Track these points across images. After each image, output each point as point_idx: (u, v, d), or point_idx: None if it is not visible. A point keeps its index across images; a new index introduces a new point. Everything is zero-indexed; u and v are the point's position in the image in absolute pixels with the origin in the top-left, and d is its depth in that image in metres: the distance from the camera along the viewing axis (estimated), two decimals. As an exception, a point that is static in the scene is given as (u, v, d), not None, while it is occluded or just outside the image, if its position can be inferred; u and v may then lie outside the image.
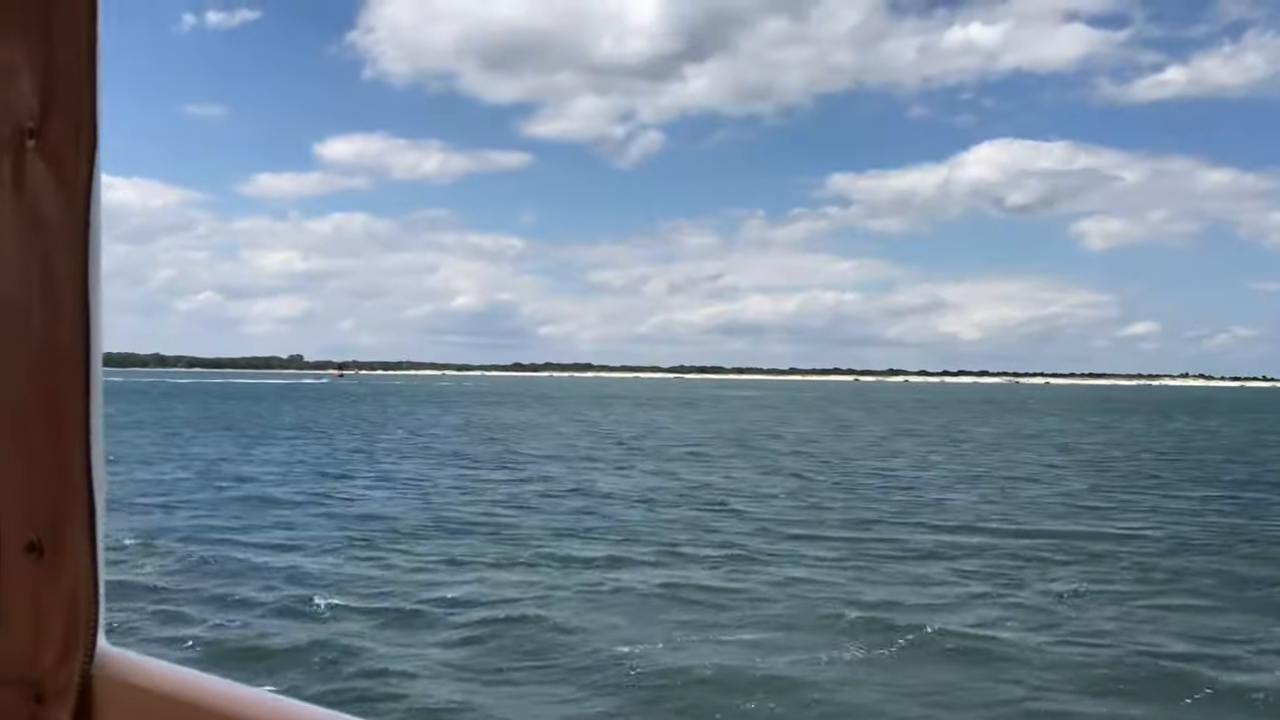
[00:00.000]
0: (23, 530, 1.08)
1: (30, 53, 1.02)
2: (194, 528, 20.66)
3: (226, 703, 0.99)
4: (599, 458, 40.19)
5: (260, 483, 29.15)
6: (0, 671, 1.11)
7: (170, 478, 29.88)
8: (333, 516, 22.67)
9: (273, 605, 14.34)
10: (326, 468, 34.02)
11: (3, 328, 1.08)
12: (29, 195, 1.05)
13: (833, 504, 26.39)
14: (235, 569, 16.76)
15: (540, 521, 22.49)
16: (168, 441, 43.72)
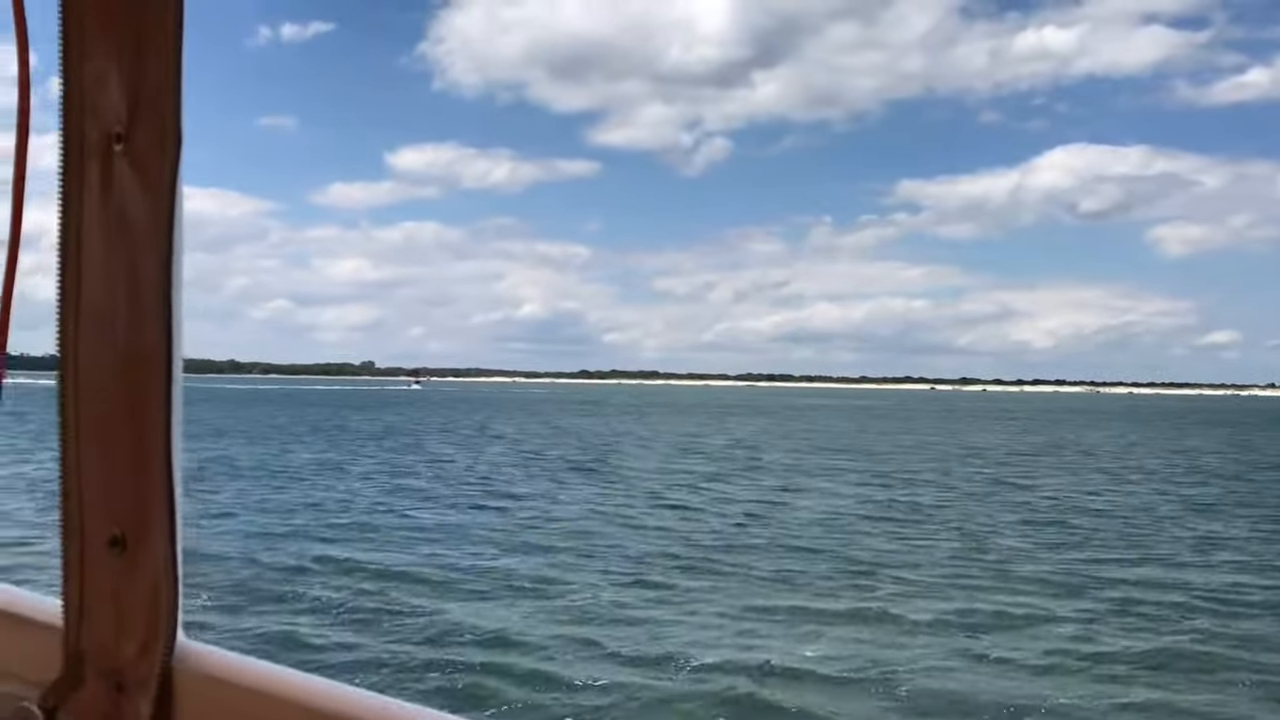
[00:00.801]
0: (106, 525, 1.10)
1: (119, 61, 1.04)
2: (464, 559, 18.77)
3: (304, 695, 1.01)
4: (777, 473, 37.43)
5: (445, 504, 26.91)
6: (82, 662, 1.13)
7: (351, 488, 28.80)
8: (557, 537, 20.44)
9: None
10: (492, 483, 32.44)
11: (88, 327, 1.10)
12: (116, 198, 1.06)
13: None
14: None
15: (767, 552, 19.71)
16: (313, 449, 42.59)
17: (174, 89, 1.03)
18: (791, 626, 14.12)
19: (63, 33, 1.08)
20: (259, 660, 1.10)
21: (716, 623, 14.22)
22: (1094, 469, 42.58)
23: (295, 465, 35.25)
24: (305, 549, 18.93)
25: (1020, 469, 41.43)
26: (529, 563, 18.17)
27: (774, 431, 68.42)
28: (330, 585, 15.78)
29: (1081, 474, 39.74)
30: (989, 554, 20.27)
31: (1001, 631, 14.02)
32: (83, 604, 1.14)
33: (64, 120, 1.09)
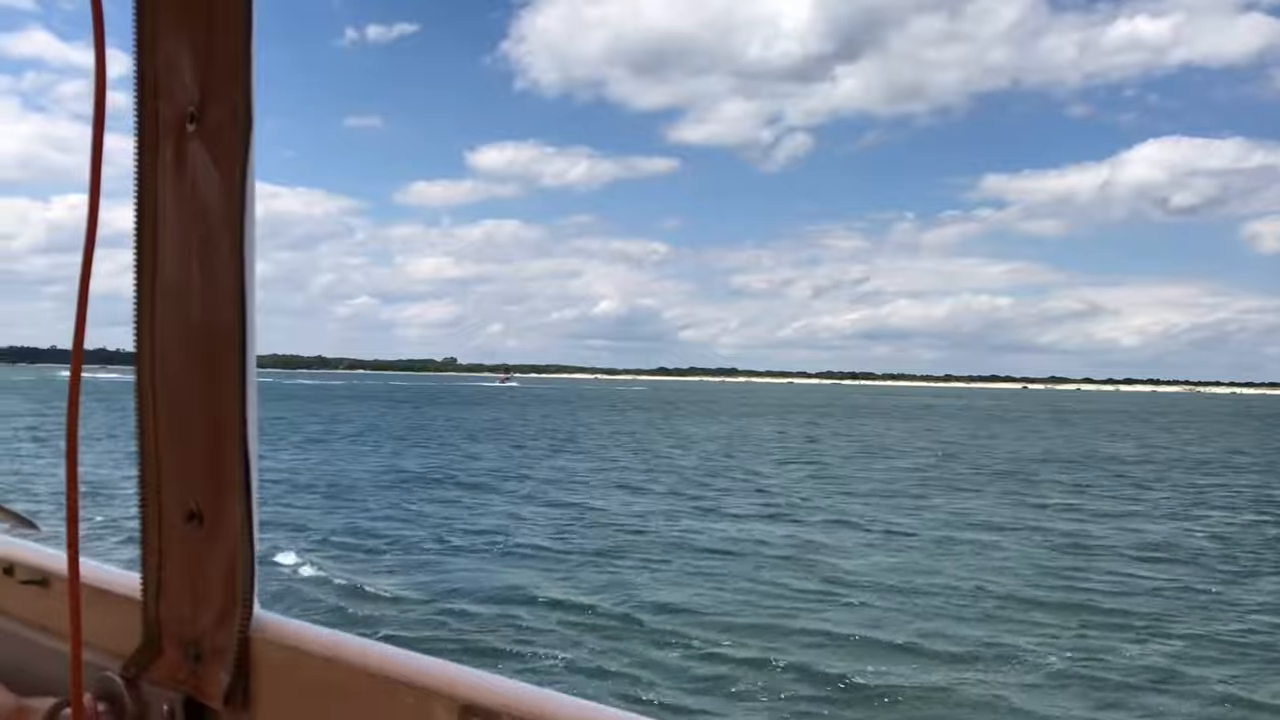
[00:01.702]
0: (184, 500, 1.12)
1: (192, 43, 1.05)
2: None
3: (378, 664, 1.03)
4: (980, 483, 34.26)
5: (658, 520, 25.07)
6: (161, 633, 1.15)
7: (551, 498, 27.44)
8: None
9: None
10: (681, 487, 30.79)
11: (164, 305, 1.10)
12: (190, 176, 1.07)
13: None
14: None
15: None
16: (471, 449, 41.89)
17: (245, 70, 1.03)
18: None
19: (136, 18, 1.09)
20: (333, 630, 1.11)
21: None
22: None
23: (491, 480, 33.78)
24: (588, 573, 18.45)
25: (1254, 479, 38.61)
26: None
27: (942, 435, 65.78)
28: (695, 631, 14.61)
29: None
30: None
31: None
32: (161, 577, 1.16)
33: (138, 102, 1.10)
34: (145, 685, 1.17)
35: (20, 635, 1.41)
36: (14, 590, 1.42)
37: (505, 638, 13.02)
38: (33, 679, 1.32)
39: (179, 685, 1.15)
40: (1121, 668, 12.41)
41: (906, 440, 57.96)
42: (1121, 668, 12.41)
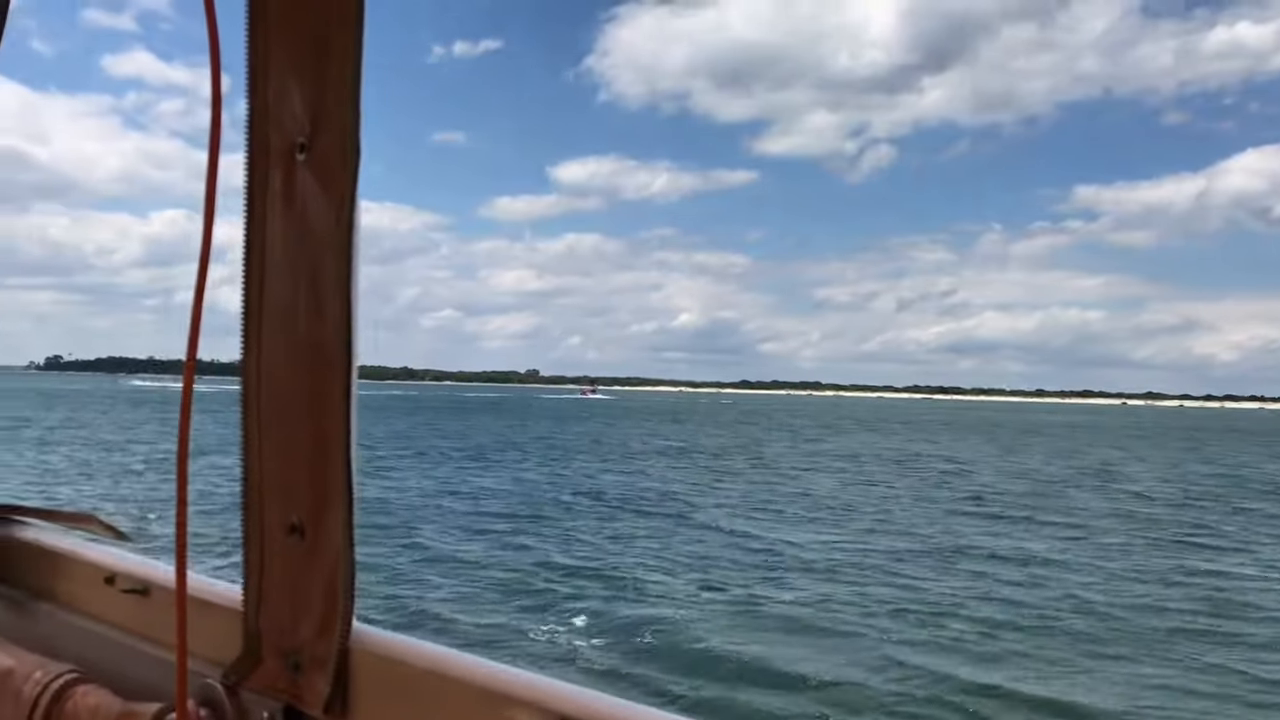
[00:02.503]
0: (286, 513, 1.14)
1: (303, 75, 1.09)
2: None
3: (477, 677, 1.04)
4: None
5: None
6: (261, 643, 1.18)
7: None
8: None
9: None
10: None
11: (271, 326, 1.14)
12: (299, 204, 1.11)
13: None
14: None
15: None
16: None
17: (353, 101, 1.06)
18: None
19: (249, 51, 1.12)
20: (431, 643, 1.12)
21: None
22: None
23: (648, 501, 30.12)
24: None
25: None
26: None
27: (1104, 455, 59.51)
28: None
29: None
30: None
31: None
32: (262, 588, 1.17)
33: (249, 129, 1.14)
34: (245, 693, 1.19)
35: (122, 642, 1.42)
36: (115, 599, 1.44)
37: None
38: (135, 684, 1.32)
39: (279, 694, 1.16)
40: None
41: (1121, 462, 51.19)
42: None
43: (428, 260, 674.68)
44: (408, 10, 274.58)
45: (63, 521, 1.73)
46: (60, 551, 1.60)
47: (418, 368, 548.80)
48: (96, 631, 1.48)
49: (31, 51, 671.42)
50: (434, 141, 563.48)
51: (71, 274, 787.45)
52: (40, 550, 1.64)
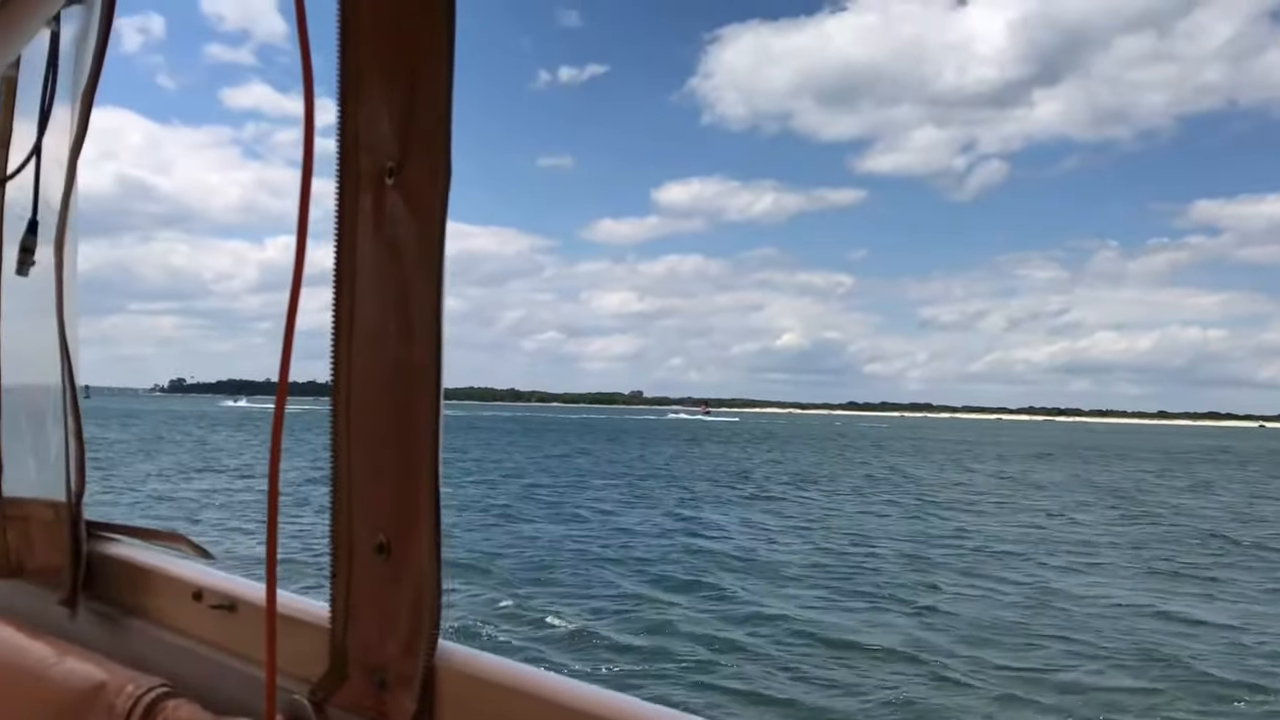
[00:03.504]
0: (373, 532, 1.15)
1: (394, 101, 1.12)
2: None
3: (564, 697, 1.03)
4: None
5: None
6: (347, 660, 1.19)
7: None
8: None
9: None
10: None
11: (360, 347, 1.15)
12: (387, 225, 1.12)
13: None
14: None
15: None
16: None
17: (444, 125, 1.08)
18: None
19: (341, 76, 1.15)
20: (517, 662, 1.12)
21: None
22: None
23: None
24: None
25: None
26: None
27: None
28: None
29: None
30: None
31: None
32: (349, 605, 1.18)
33: (340, 154, 1.16)
34: (332, 709, 1.19)
35: (210, 658, 1.44)
36: (204, 614, 1.46)
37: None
38: (223, 699, 1.33)
39: (365, 711, 1.17)
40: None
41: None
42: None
43: (531, 283, 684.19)
44: (514, 39, 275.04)
45: (151, 539, 1.73)
46: (150, 568, 1.60)
47: (524, 389, 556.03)
48: (185, 647, 1.49)
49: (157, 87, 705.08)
50: (539, 166, 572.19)
51: (192, 299, 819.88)
52: (131, 567, 1.64)
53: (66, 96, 1.75)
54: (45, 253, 1.77)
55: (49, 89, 1.75)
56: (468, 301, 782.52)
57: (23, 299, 1.86)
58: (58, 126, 1.75)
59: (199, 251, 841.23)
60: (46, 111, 1.75)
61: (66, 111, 1.74)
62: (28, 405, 1.89)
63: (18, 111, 1.89)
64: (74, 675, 1.45)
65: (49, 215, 1.76)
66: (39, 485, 1.82)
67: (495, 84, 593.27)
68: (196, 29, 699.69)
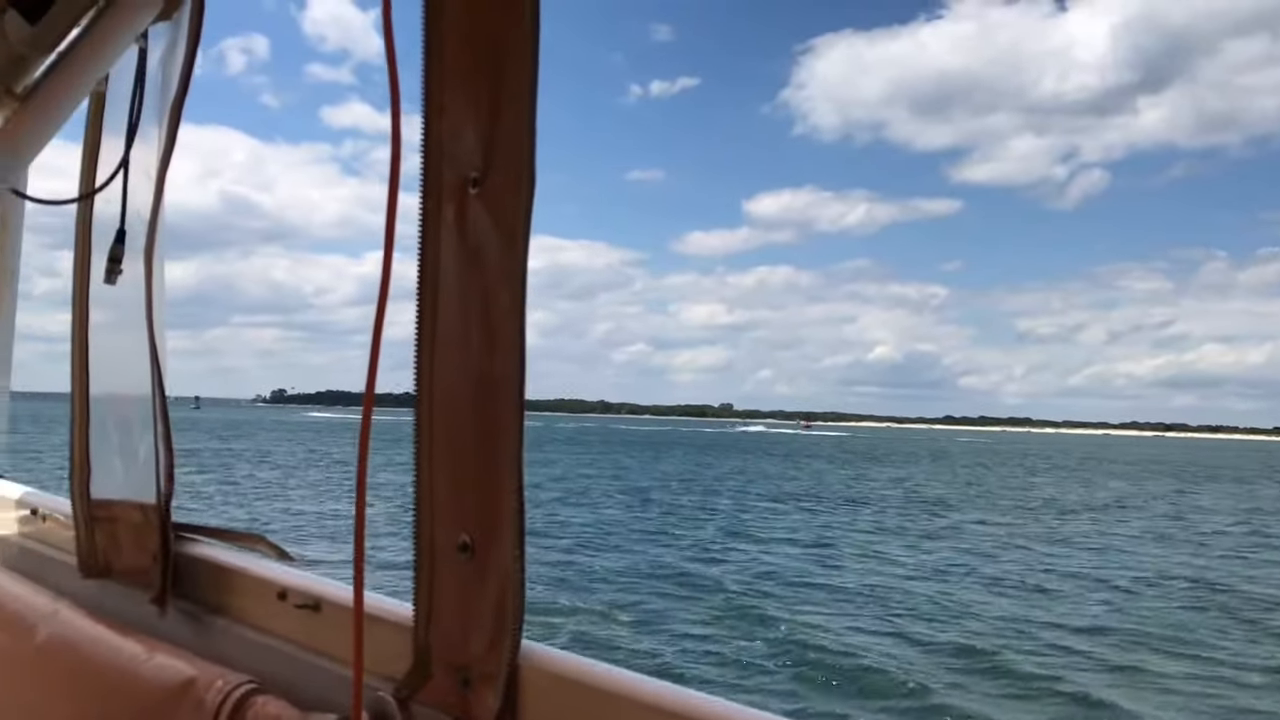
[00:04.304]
0: (455, 533, 1.17)
1: (478, 113, 1.13)
2: None
3: (649, 697, 1.04)
4: None
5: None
6: (430, 658, 1.21)
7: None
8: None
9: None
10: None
11: (443, 354, 1.17)
12: (471, 236, 1.14)
13: None
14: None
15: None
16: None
17: (527, 137, 1.09)
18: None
19: (425, 88, 1.17)
20: (599, 662, 1.13)
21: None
22: None
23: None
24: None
25: None
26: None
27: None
28: None
29: None
30: None
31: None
32: (432, 604, 1.20)
33: (424, 165, 1.18)
34: (416, 707, 1.21)
35: (294, 655, 1.46)
36: (288, 613, 1.48)
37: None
38: (308, 696, 1.36)
39: (449, 708, 1.18)
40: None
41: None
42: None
43: (620, 296, 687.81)
44: (606, 55, 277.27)
45: (234, 541, 1.75)
46: (234, 569, 1.63)
47: (613, 401, 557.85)
48: (270, 645, 1.51)
49: (261, 105, 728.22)
50: (630, 179, 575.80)
51: (292, 312, 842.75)
52: (215, 567, 1.67)
53: (154, 112, 1.75)
54: (131, 263, 1.80)
55: (136, 104, 1.76)
56: (558, 315, 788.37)
57: (109, 310, 1.90)
58: (145, 141, 1.76)
59: (299, 266, 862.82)
60: (134, 126, 1.77)
61: (153, 127, 1.75)
62: (115, 412, 1.91)
63: (106, 126, 1.91)
64: (165, 671, 1.49)
65: (135, 227, 1.79)
66: (126, 488, 1.84)
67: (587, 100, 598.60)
68: (298, 49, 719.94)
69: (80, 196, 1.93)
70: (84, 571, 1.92)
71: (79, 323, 1.97)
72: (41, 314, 2.90)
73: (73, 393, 1.98)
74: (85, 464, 1.95)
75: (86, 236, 1.96)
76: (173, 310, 1.80)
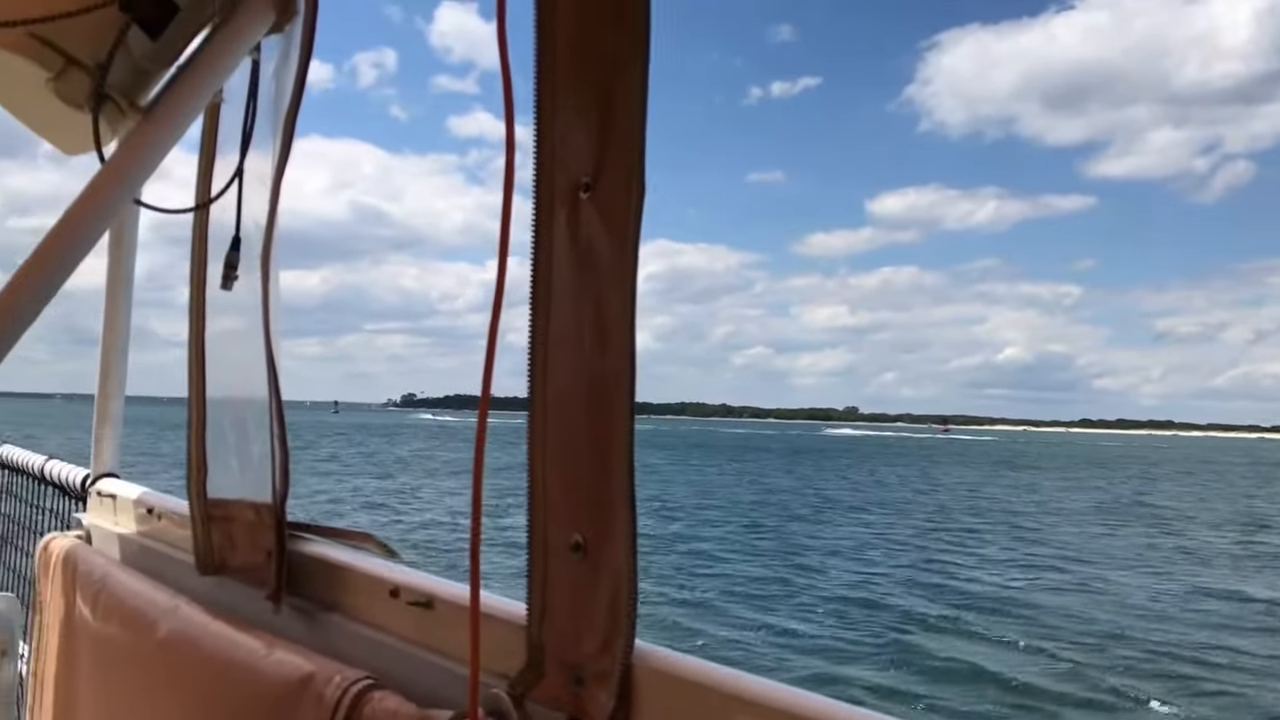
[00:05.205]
0: (567, 532, 1.18)
1: (588, 120, 1.14)
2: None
3: (767, 699, 1.03)
4: None
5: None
6: (544, 656, 1.22)
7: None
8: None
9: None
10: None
11: (557, 354, 1.19)
12: (582, 241, 1.15)
13: None
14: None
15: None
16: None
17: (638, 141, 1.10)
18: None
19: (536, 93, 1.18)
20: (715, 664, 1.12)
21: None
22: None
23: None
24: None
25: None
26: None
27: None
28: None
29: None
30: None
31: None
32: (545, 603, 1.22)
33: (536, 170, 1.19)
34: (530, 704, 1.23)
35: (407, 652, 1.49)
36: (400, 610, 1.52)
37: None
38: (423, 691, 1.38)
39: (562, 706, 1.20)
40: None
41: None
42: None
43: (740, 299, 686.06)
44: (726, 59, 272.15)
45: (344, 539, 1.79)
46: (346, 566, 1.66)
47: (735, 404, 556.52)
48: (384, 641, 1.53)
49: (389, 118, 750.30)
50: (750, 182, 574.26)
51: (420, 319, 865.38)
52: (327, 565, 1.70)
53: (267, 122, 1.82)
54: (246, 270, 1.87)
55: (250, 115, 1.84)
56: (678, 318, 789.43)
57: (226, 316, 1.96)
58: (258, 151, 1.83)
59: (426, 273, 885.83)
60: (248, 137, 1.85)
61: (267, 137, 1.81)
62: (231, 415, 1.97)
63: (221, 137, 1.97)
64: (284, 666, 1.54)
65: (249, 235, 1.87)
66: (241, 488, 1.89)
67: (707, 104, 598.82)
68: (425, 62, 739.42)
69: (197, 205, 1.98)
70: (201, 569, 1.95)
71: (195, 328, 2.02)
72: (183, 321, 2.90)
73: (190, 396, 2.04)
74: (202, 465, 1.99)
75: (203, 244, 2.00)
76: (306, 317, 2.06)
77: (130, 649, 1.94)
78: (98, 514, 2.51)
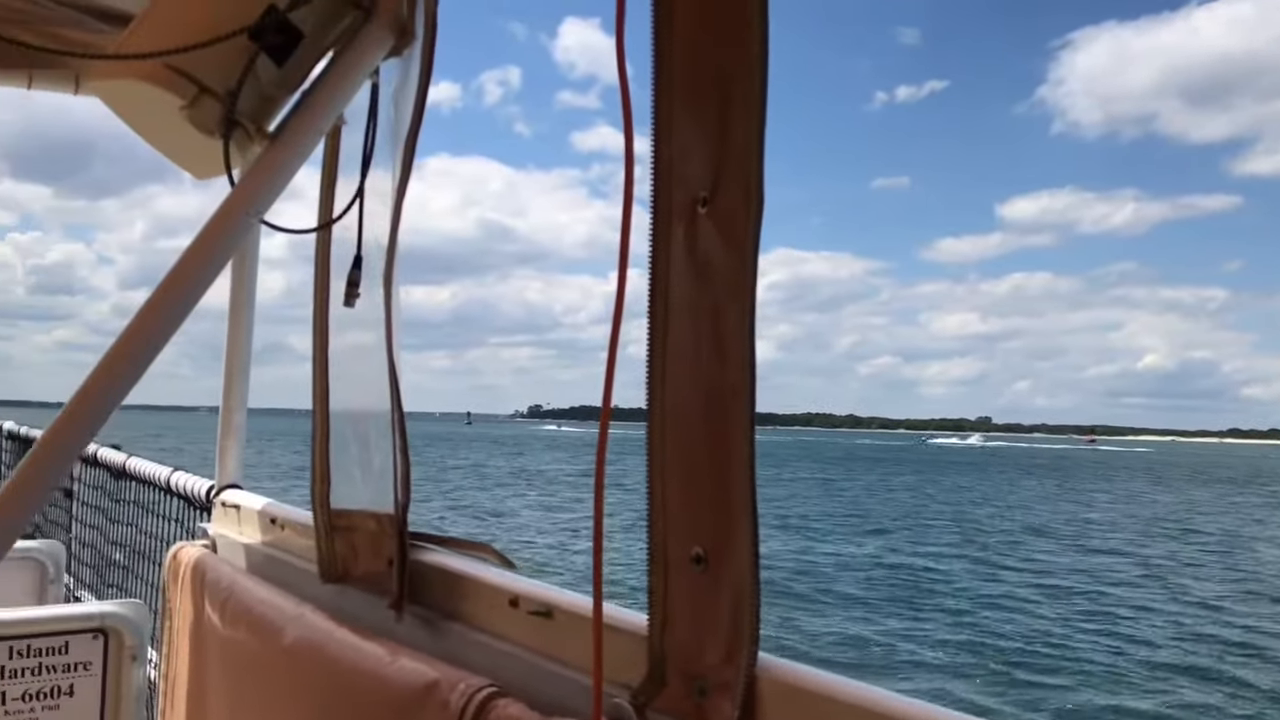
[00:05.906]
0: (688, 544, 1.18)
1: (706, 133, 1.15)
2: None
3: (897, 713, 1.02)
4: None
5: None
6: (665, 666, 1.22)
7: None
8: None
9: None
10: None
11: (676, 366, 1.19)
12: (700, 254, 1.16)
13: None
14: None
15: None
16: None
17: (756, 153, 1.10)
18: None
19: (654, 107, 1.19)
20: (837, 675, 1.11)
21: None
22: None
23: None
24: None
25: None
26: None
27: None
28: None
29: None
30: None
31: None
32: (667, 614, 1.21)
33: (654, 184, 1.20)
34: (652, 714, 1.23)
35: (528, 660, 1.50)
36: (520, 620, 1.53)
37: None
38: (544, 700, 1.38)
39: (685, 716, 1.19)
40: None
41: None
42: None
43: (865, 307, 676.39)
44: (851, 64, 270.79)
45: (462, 549, 1.79)
46: (466, 575, 1.68)
47: (863, 415, 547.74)
48: (504, 650, 1.54)
49: (514, 135, 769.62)
50: (874, 188, 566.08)
51: (544, 331, 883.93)
52: (447, 574, 1.72)
53: (386, 144, 1.84)
54: (367, 288, 1.89)
55: (370, 137, 1.85)
56: (801, 327, 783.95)
57: (348, 332, 2.00)
58: (379, 171, 1.86)
59: (550, 287, 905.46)
60: (368, 158, 1.85)
61: (386, 158, 1.84)
62: (354, 427, 1.99)
63: (342, 159, 1.99)
64: (408, 673, 1.55)
65: (370, 254, 1.89)
66: (364, 499, 1.92)
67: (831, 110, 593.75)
68: (549, 78, 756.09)
69: (320, 225, 2.02)
70: (324, 577, 1.99)
71: (319, 344, 2.05)
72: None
73: (314, 410, 2.07)
74: (326, 476, 2.02)
75: (326, 263, 2.05)
76: (434, 332, 1.64)
77: (257, 655, 2.01)
78: (222, 524, 2.59)
